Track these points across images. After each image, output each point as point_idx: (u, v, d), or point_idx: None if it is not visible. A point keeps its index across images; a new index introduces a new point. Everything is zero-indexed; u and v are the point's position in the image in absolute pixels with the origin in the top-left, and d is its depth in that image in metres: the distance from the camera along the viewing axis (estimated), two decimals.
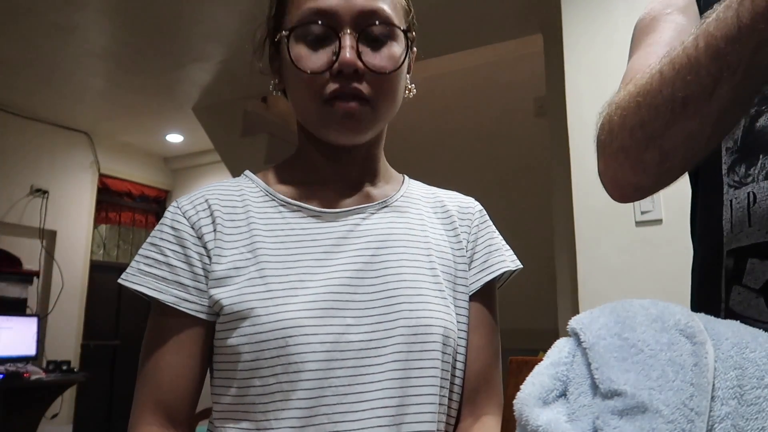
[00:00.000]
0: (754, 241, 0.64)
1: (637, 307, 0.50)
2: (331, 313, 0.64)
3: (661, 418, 0.41)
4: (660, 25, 0.76)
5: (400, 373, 0.64)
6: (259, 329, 0.62)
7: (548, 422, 0.46)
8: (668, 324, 0.47)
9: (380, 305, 0.66)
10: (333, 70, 0.65)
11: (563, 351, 0.50)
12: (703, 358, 0.44)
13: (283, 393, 0.61)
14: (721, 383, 0.44)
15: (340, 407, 0.61)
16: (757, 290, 0.63)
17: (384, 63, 0.67)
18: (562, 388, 0.50)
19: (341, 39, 0.65)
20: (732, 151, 0.69)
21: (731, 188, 0.68)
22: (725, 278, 0.67)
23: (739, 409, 0.43)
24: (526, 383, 0.50)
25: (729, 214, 0.68)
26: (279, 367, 0.61)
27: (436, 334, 0.66)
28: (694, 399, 0.42)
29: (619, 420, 0.42)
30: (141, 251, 0.69)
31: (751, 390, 0.43)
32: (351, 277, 0.66)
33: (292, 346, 0.61)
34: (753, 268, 0.63)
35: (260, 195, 0.73)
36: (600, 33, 2.11)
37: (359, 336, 0.64)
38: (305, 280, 0.65)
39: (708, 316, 0.55)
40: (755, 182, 0.65)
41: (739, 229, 0.66)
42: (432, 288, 0.69)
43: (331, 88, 0.66)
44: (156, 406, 0.65)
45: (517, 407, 0.49)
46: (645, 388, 0.43)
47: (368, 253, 0.69)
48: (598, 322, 0.50)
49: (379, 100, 0.68)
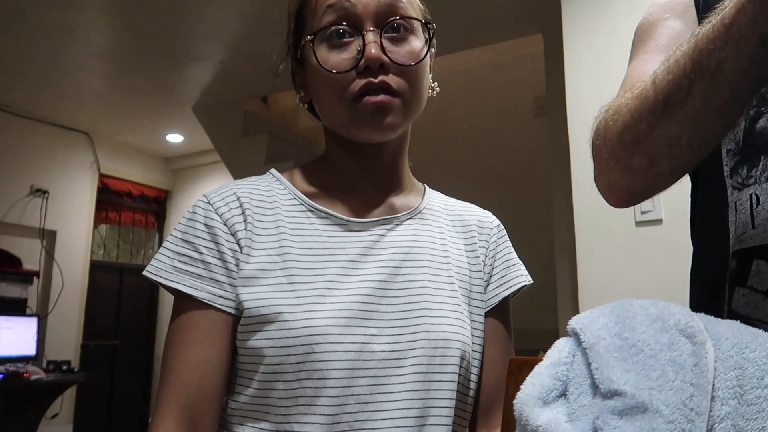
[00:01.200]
0: (759, 243, 0.63)
1: (637, 307, 0.50)
2: (356, 322, 0.64)
3: (661, 418, 0.41)
4: (657, 31, 0.76)
5: (420, 385, 0.64)
6: (286, 334, 0.62)
7: (548, 422, 0.46)
8: (668, 324, 0.47)
9: (403, 317, 0.66)
10: (359, 67, 0.66)
11: (563, 351, 0.50)
12: (703, 358, 0.44)
13: (307, 398, 0.61)
14: (721, 383, 0.44)
15: (362, 415, 0.62)
16: (764, 292, 0.62)
17: (408, 56, 0.68)
18: (562, 388, 0.50)
19: (365, 36, 0.66)
20: (733, 153, 0.69)
21: (735, 190, 0.68)
22: (729, 281, 0.66)
23: (739, 409, 0.43)
24: (526, 383, 0.50)
25: (734, 216, 0.67)
26: (303, 373, 0.61)
27: (455, 348, 0.67)
28: (694, 399, 0.42)
29: (619, 420, 0.42)
30: (172, 246, 0.67)
31: (751, 390, 0.43)
32: (376, 288, 0.67)
33: (318, 353, 0.61)
34: (759, 269, 0.63)
35: (288, 197, 0.72)
36: (600, 33, 2.11)
37: (382, 346, 0.64)
38: (332, 288, 0.66)
39: (708, 316, 0.54)
40: (758, 184, 0.65)
41: (742, 230, 0.65)
42: (451, 302, 0.70)
43: (359, 85, 0.66)
44: (181, 408, 0.63)
45: (517, 407, 0.49)
46: (645, 388, 0.43)
47: (393, 264, 0.69)
48: (598, 322, 0.50)
49: (407, 93, 0.68)
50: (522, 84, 3.79)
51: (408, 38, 0.69)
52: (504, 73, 3.94)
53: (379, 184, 0.75)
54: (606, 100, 0.70)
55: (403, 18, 0.68)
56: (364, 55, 0.65)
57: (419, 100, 0.71)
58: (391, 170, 0.76)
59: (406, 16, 0.68)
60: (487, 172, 3.84)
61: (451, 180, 2.16)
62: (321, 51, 0.68)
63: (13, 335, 3.84)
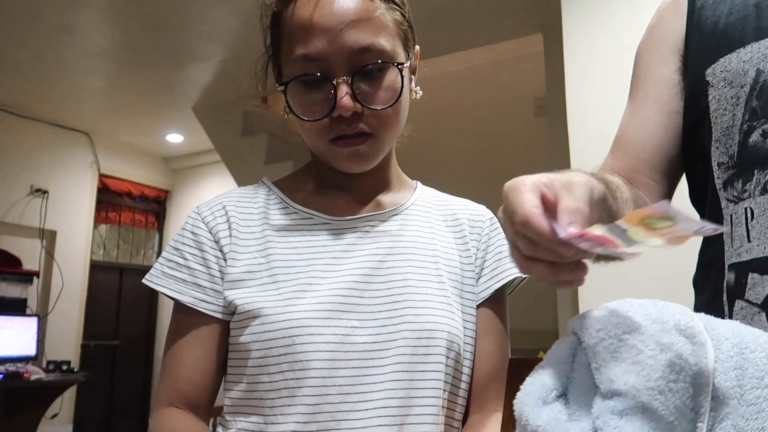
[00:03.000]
0: (754, 256, 0.65)
1: (637, 307, 0.50)
2: (337, 314, 0.66)
3: (661, 419, 0.41)
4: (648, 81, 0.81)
5: (403, 375, 0.66)
6: (268, 327, 0.65)
7: (548, 422, 0.46)
8: (668, 324, 0.47)
9: (386, 308, 0.68)
10: (333, 115, 0.67)
11: (563, 351, 0.50)
12: (703, 359, 0.44)
13: (289, 390, 0.64)
14: (721, 383, 0.44)
15: (344, 406, 0.64)
16: (758, 305, 0.63)
17: (383, 98, 0.68)
18: (562, 388, 0.50)
19: (337, 87, 0.66)
20: (726, 166, 0.70)
21: (730, 203, 0.69)
22: (727, 292, 0.68)
23: (739, 410, 0.43)
24: (526, 383, 0.50)
25: (730, 229, 0.68)
26: (286, 365, 0.64)
27: (440, 338, 0.67)
28: (695, 399, 0.42)
29: (619, 420, 0.42)
30: (164, 254, 0.73)
31: (751, 390, 0.43)
32: (358, 281, 0.69)
33: (299, 345, 0.64)
34: (754, 282, 0.64)
35: (275, 202, 0.76)
36: (600, 33, 2.11)
37: (364, 338, 0.66)
38: (314, 283, 0.68)
39: (708, 317, 0.54)
40: (752, 198, 0.66)
41: (738, 243, 0.67)
42: (437, 294, 0.71)
43: (334, 132, 0.68)
44: (175, 394, 0.69)
45: (517, 407, 0.49)
46: (645, 388, 0.43)
47: (376, 258, 0.71)
48: (599, 322, 0.50)
49: (382, 131, 0.70)
50: (522, 84, 3.79)
51: (383, 76, 0.68)
52: (504, 73, 3.94)
53: (366, 185, 0.77)
54: (606, 100, 0.72)
55: (375, 60, 0.67)
56: (336, 106, 0.66)
57: (395, 131, 0.72)
58: (377, 173, 0.77)
59: (380, 57, 0.67)
60: (486, 171, 3.83)
61: (451, 180, 2.15)
62: (297, 97, 0.69)
63: (13, 335, 3.84)
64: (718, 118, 0.71)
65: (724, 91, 0.71)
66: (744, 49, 0.70)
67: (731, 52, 0.71)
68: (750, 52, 0.69)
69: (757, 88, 0.68)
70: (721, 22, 0.74)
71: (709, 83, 0.73)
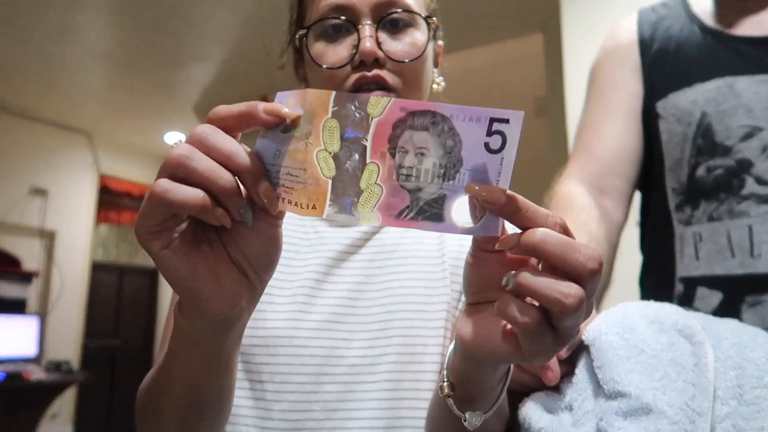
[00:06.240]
0: (702, 273, 0.76)
1: (634, 309, 0.51)
2: (327, 326, 0.62)
3: (665, 419, 0.41)
4: (616, 92, 0.89)
5: (391, 393, 0.61)
6: (250, 333, 0.62)
7: (551, 423, 0.46)
8: (666, 324, 0.47)
9: (379, 320, 0.63)
10: (354, 61, 0.64)
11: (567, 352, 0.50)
12: (703, 359, 0.44)
13: (266, 402, 0.61)
14: (722, 383, 0.44)
15: (329, 422, 0.60)
16: (709, 314, 0.69)
17: (406, 50, 0.65)
18: (565, 389, 0.50)
19: (359, 30, 0.64)
20: (677, 192, 0.81)
21: (680, 224, 0.80)
22: (677, 301, 0.77)
23: (739, 409, 0.43)
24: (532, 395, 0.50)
25: (680, 246, 0.80)
26: (266, 375, 0.61)
27: (432, 354, 0.62)
28: (696, 399, 0.42)
29: (623, 421, 0.42)
30: None
31: (751, 390, 0.44)
32: (352, 290, 0.65)
33: (282, 356, 0.61)
34: (703, 295, 0.75)
35: None
36: (600, 33, 2.10)
37: (353, 351, 0.61)
38: (309, 294, 0.64)
39: (707, 316, 0.55)
40: (700, 224, 0.77)
41: (688, 261, 0.78)
42: (436, 303, 0.65)
43: (353, 80, 0.64)
44: None
45: (521, 409, 0.49)
46: (649, 389, 0.43)
47: (373, 265, 0.66)
48: (599, 322, 0.50)
49: (404, 89, 0.65)
50: (522, 84, 3.79)
51: (408, 32, 0.66)
52: (504, 73, 3.94)
53: None
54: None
55: (402, 11, 0.65)
56: (358, 50, 0.63)
57: (417, 96, 0.68)
58: None
59: (406, 9, 0.65)
60: None
61: None
62: (317, 45, 0.66)
63: (13, 335, 3.84)
64: (670, 150, 0.82)
65: (674, 126, 0.81)
66: (691, 89, 0.80)
67: (679, 89, 0.81)
68: (695, 93, 0.80)
69: (702, 128, 0.78)
70: (670, 57, 0.84)
71: (660, 116, 0.83)
